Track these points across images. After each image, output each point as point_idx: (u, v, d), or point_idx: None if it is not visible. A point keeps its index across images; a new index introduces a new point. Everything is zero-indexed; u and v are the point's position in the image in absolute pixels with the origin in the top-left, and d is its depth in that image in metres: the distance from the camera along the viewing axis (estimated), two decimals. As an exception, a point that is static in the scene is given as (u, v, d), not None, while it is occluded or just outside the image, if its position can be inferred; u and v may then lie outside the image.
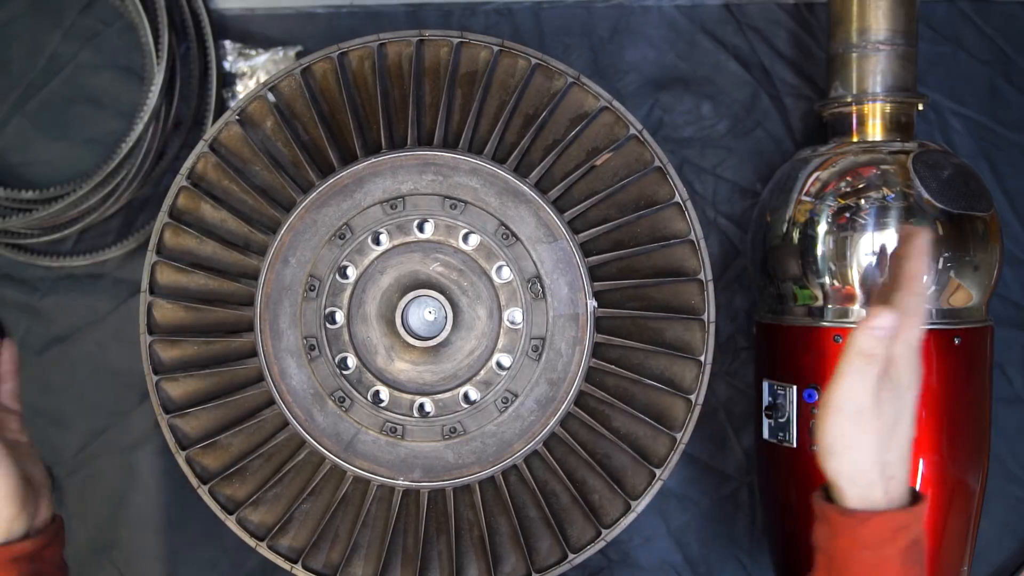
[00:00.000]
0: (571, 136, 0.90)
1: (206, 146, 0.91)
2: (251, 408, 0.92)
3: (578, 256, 0.89)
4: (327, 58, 0.91)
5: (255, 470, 0.93)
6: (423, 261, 0.90)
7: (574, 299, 0.89)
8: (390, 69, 0.92)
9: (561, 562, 0.91)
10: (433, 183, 0.89)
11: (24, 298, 1.12)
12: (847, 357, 0.72)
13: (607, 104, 0.91)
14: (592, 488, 0.92)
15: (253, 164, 0.92)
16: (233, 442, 0.93)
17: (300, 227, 0.90)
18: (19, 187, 1.08)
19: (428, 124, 0.91)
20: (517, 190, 0.89)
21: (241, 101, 0.92)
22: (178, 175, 0.91)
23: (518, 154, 0.89)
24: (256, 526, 0.93)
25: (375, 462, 0.90)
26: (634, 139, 0.91)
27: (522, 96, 0.91)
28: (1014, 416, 1.12)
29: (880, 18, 0.97)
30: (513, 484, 0.92)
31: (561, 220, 0.89)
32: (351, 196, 0.89)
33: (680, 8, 1.12)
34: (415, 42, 0.91)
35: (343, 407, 0.90)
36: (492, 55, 0.91)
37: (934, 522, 0.93)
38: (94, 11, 1.12)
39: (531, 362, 0.90)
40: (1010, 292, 1.13)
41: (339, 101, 0.91)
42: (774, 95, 1.13)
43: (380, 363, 0.90)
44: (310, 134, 0.92)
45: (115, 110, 1.11)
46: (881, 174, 0.94)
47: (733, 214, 1.13)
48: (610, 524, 0.91)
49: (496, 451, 0.90)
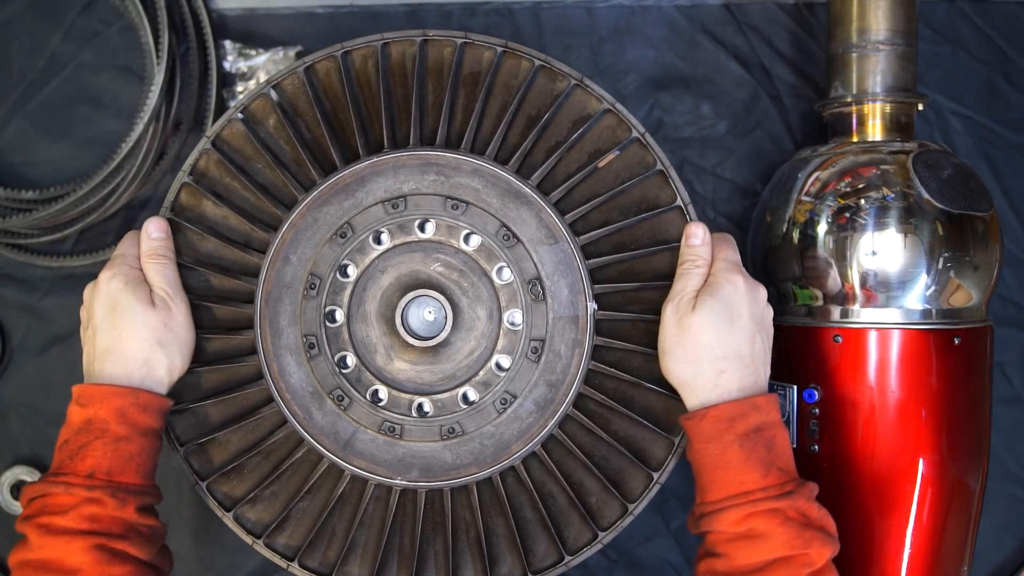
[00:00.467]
0: (573, 138, 0.90)
1: (208, 143, 0.91)
2: (250, 405, 0.92)
3: (579, 258, 0.89)
4: (331, 57, 0.91)
5: (253, 467, 0.93)
6: (424, 261, 0.90)
7: (574, 301, 0.89)
8: (393, 69, 0.92)
9: (557, 564, 0.91)
10: (435, 183, 0.89)
11: (24, 298, 1.12)
12: (678, 270, 0.87)
13: (610, 107, 0.91)
14: (589, 490, 0.92)
15: (255, 162, 0.92)
16: (231, 439, 0.93)
17: (301, 225, 0.90)
18: (19, 187, 1.08)
19: (431, 124, 0.91)
20: (519, 191, 0.89)
21: (244, 99, 0.92)
22: (180, 171, 0.92)
23: (520, 155, 0.89)
24: (253, 523, 0.93)
25: (373, 461, 0.90)
26: (636, 142, 0.91)
27: (525, 97, 0.91)
28: (1014, 416, 1.12)
29: (880, 18, 0.97)
30: (511, 485, 0.92)
31: (562, 222, 0.89)
32: (353, 195, 0.89)
33: (680, 8, 1.13)
34: (419, 42, 0.91)
35: (342, 406, 0.90)
36: (496, 56, 0.91)
37: (934, 522, 0.93)
38: (94, 11, 1.12)
39: (530, 364, 0.90)
40: (1010, 292, 1.13)
41: (342, 100, 0.91)
42: (774, 95, 1.13)
43: (379, 362, 0.90)
44: (312, 132, 0.92)
45: (115, 110, 1.12)
46: (881, 174, 0.94)
47: (733, 214, 1.13)
48: (607, 527, 0.91)
49: (494, 452, 0.90)
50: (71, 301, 1.12)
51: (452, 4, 1.12)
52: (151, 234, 0.89)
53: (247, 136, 0.91)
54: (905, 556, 0.92)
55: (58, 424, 1.11)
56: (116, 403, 0.83)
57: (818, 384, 0.95)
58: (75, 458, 0.83)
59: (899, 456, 0.92)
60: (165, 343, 0.87)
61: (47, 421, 1.12)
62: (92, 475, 0.82)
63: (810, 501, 0.82)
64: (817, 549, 0.80)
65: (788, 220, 0.98)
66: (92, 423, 0.83)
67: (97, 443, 0.83)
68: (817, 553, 0.80)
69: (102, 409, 0.83)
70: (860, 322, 0.94)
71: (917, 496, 0.92)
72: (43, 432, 1.12)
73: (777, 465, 0.82)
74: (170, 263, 0.90)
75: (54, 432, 1.12)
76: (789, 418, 0.96)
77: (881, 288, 0.93)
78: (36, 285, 1.12)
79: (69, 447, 0.83)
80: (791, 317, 0.99)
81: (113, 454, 0.83)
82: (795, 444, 0.96)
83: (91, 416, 0.83)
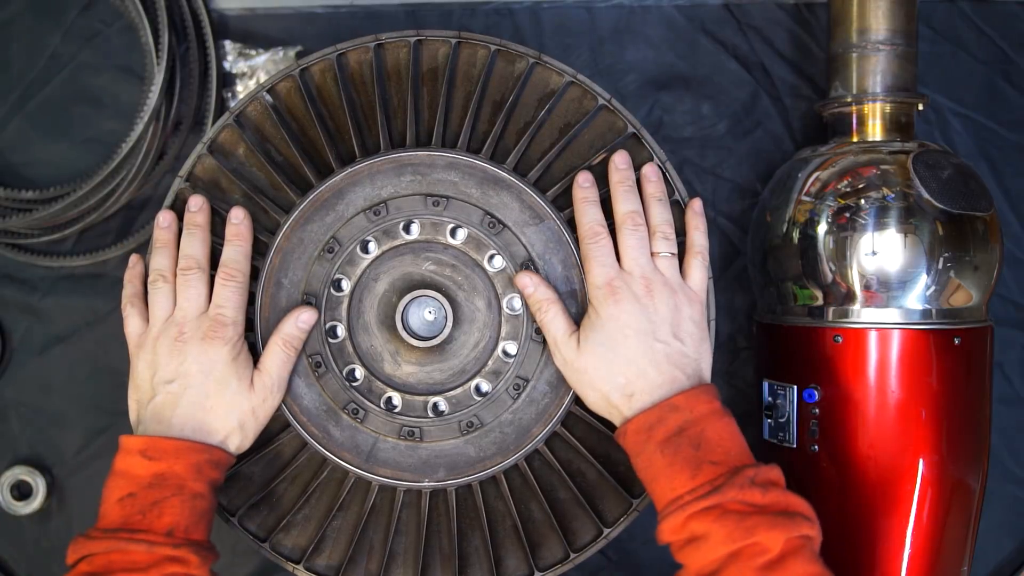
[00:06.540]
0: (541, 116, 0.90)
1: (181, 181, 0.91)
2: (268, 435, 0.91)
3: (567, 233, 0.89)
4: (289, 76, 0.91)
5: (281, 494, 0.92)
6: (414, 262, 0.90)
7: (569, 276, 0.89)
8: (353, 78, 0.92)
9: (597, 538, 0.91)
10: (412, 183, 0.89)
11: (24, 298, 1.12)
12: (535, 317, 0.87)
13: (572, 78, 0.91)
14: (618, 460, 0.90)
15: (231, 192, 0.91)
16: (255, 471, 0.92)
17: (287, 247, 0.89)
18: (19, 187, 1.08)
19: (399, 126, 0.91)
20: (496, 177, 0.89)
21: (212, 132, 0.91)
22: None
23: (492, 142, 0.89)
24: (291, 550, 0.92)
25: (398, 468, 0.90)
26: (604, 109, 0.91)
27: (487, 84, 0.91)
28: (1014, 416, 1.12)
29: (880, 18, 0.97)
30: (538, 469, 0.91)
31: (544, 200, 0.89)
32: (333, 209, 0.89)
33: (680, 8, 1.12)
34: (373, 47, 0.91)
35: (358, 418, 0.90)
36: (451, 48, 0.91)
37: (934, 522, 0.93)
38: (94, 11, 1.12)
39: (536, 345, 0.90)
40: (1010, 292, 1.13)
41: (307, 117, 0.91)
42: (774, 95, 1.13)
43: (388, 369, 0.90)
44: (283, 154, 0.92)
45: (115, 110, 1.11)
46: (881, 174, 0.94)
47: (733, 214, 1.13)
48: (639, 494, 0.90)
49: (516, 439, 0.90)
50: (71, 301, 1.12)
51: (452, 4, 1.12)
52: (300, 322, 0.87)
53: (219, 168, 0.91)
54: (905, 556, 0.92)
55: (58, 424, 1.12)
56: (193, 459, 0.81)
57: (818, 384, 0.95)
58: (148, 514, 0.78)
59: (899, 456, 0.92)
60: (247, 427, 0.85)
61: (47, 421, 1.12)
62: (171, 533, 0.78)
63: (750, 487, 0.76)
64: (765, 534, 0.74)
65: (788, 220, 0.98)
66: (166, 478, 0.80)
67: (175, 500, 0.79)
68: (768, 538, 0.74)
69: (178, 464, 0.80)
70: (860, 322, 0.94)
71: (917, 496, 0.92)
72: (43, 432, 1.12)
73: (709, 460, 0.78)
74: (296, 355, 0.88)
75: (54, 432, 1.13)
76: (789, 418, 0.96)
77: (881, 288, 0.93)
78: (36, 285, 1.12)
79: (138, 502, 0.79)
80: (791, 317, 0.99)
81: (190, 511, 0.80)
82: (795, 444, 0.96)
83: (164, 471, 0.80)
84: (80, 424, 1.12)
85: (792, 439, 0.96)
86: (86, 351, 1.12)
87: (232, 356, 0.85)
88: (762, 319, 1.03)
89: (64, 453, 1.12)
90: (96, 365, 1.12)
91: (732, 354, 1.12)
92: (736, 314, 1.12)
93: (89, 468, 1.12)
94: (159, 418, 0.84)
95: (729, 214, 1.12)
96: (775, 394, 0.98)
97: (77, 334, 1.12)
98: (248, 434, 0.86)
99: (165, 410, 0.84)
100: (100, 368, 1.12)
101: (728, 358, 1.12)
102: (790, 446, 0.96)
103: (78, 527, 1.12)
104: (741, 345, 1.12)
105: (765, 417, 0.99)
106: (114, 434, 0.84)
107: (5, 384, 1.13)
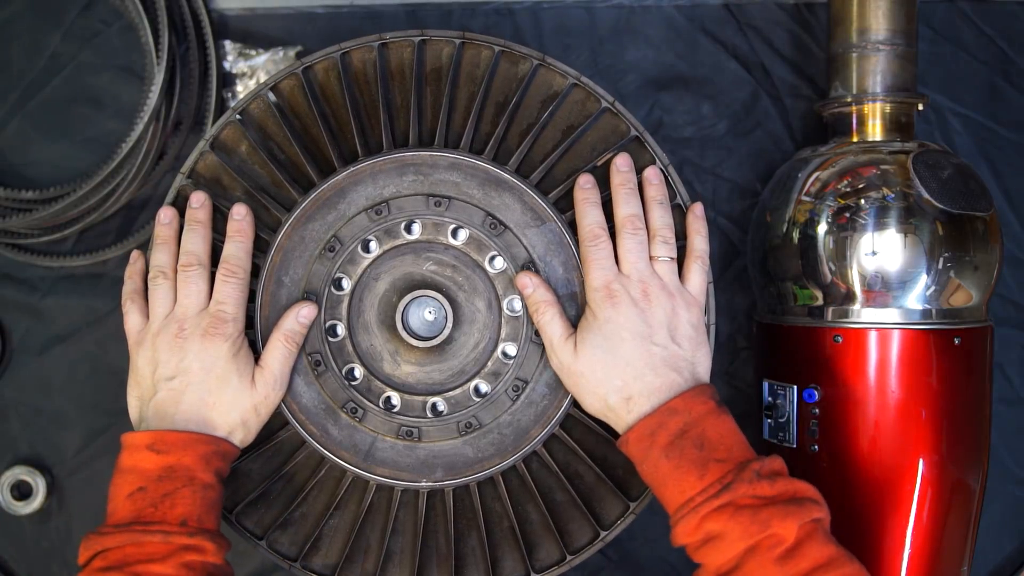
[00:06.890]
0: (544, 117, 0.90)
1: (183, 178, 0.91)
2: (266, 432, 0.91)
3: (568, 235, 0.89)
4: (293, 75, 0.91)
5: (279, 492, 0.93)
6: (415, 262, 0.90)
7: (569, 278, 0.89)
8: (356, 77, 0.92)
9: (594, 541, 0.91)
10: (415, 183, 0.89)
11: (24, 298, 1.12)
12: (533, 318, 0.87)
13: (575, 80, 0.91)
14: (615, 463, 0.91)
15: (233, 190, 0.92)
16: (253, 468, 0.92)
17: (288, 245, 0.89)
18: (19, 187, 1.08)
19: (401, 126, 0.91)
20: (498, 179, 0.89)
21: (215, 130, 0.91)
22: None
23: (494, 143, 0.89)
24: (287, 548, 0.92)
25: (396, 467, 0.90)
26: (607, 112, 0.91)
27: (491, 85, 0.91)
28: (1014, 416, 1.12)
29: (880, 18, 0.97)
30: (536, 470, 0.92)
31: (546, 202, 0.89)
32: (335, 207, 0.89)
33: (680, 8, 1.13)
34: (377, 46, 0.91)
35: (356, 417, 0.90)
36: (455, 48, 0.91)
37: (934, 522, 0.93)
38: (94, 11, 1.12)
39: (536, 347, 0.90)
40: (1010, 292, 1.13)
41: (310, 116, 0.91)
42: (774, 95, 1.13)
43: (387, 369, 0.90)
44: (286, 152, 0.92)
45: (115, 110, 1.11)
46: (881, 174, 0.94)
47: (733, 214, 1.13)
48: (637, 497, 0.91)
49: (514, 440, 0.90)
50: (71, 301, 1.12)
51: (452, 4, 1.12)
52: (301, 316, 0.87)
53: (221, 165, 0.91)
54: (905, 556, 0.92)
55: (58, 424, 1.12)
56: (201, 450, 0.81)
57: (818, 384, 0.95)
58: (160, 506, 0.79)
59: (899, 456, 0.92)
60: (249, 423, 0.86)
61: (47, 421, 1.12)
62: (185, 523, 0.79)
63: (758, 480, 0.78)
64: (780, 524, 0.76)
65: (788, 220, 0.98)
66: (175, 470, 0.80)
67: (185, 491, 0.80)
68: (782, 528, 0.76)
69: (186, 456, 0.81)
70: (860, 322, 0.94)
71: (917, 496, 0.92)
72: (43, 432, 1.12)
73: (714, 458, 0.80)
74: (297, 350, 0.88)
75: (54, 432, 1.13)
76: (789, 418, 0.96)
77: (881, 288, 0.93)
78: (36, 285, 1.12)
79: (149, 495, 0.79)
80: (791, 317, 0.99)
81: (202, 501, 0.80)
82: (795, 444, 0.96)
83: (172, 463, 0.80)
84: (80, 424, 1.12)
85: (792, 439, 0.96)
86: (86, 351, 1.12)
87: (233, 352, 0.85)
88: (762, 319, 1.03)
89: (64, 453, 1.12)
90: (96, 365, 1.12)
91: (732, 354, 1.12)
92: (736, 314, 1.12)
93: (89, 468, 1.12)
94: (162, 415, 0.84)
95: (729, 214, 1.12)
96: (775, 394, 0.98)
97: (77, 334, 1.12)
98: (251, 430, 0.86)
99: (168, 407, 0.84)
100: (100, 368, 1.12)
101: (728, 358, 1.12)
102: (790, 446, 0.97)
103: (78, 527, 1.12)
104: (741, 345, 1.12)
105: (765, 417, 0.99)
106: (114, 434, 0.84)
107: (5, 384, 1.13)
